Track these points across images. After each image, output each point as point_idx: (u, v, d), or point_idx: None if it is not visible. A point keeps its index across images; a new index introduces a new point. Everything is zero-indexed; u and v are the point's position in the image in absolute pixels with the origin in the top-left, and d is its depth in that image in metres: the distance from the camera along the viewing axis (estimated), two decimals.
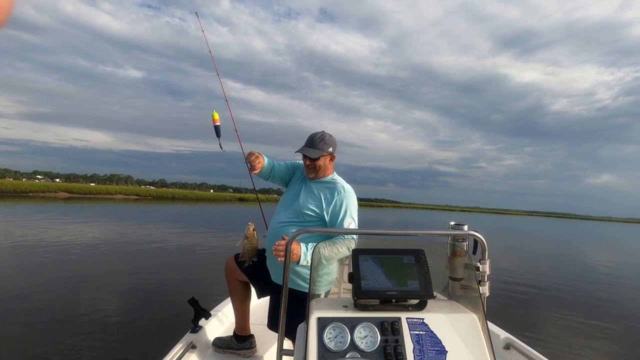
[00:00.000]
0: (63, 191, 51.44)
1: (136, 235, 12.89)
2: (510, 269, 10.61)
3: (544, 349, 2.14)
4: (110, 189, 66.56)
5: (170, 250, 10.46)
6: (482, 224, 42.13)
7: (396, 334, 1.18)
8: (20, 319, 4.55)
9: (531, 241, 25.12)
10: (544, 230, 44.04)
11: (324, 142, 2.05)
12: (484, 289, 1.41)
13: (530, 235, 32.84)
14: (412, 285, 1.25)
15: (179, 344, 2.18)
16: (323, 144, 2.05)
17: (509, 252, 15.53)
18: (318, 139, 2.06)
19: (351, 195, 2.02)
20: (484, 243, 1.42)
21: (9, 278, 6.41)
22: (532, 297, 7.60)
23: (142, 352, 3.83)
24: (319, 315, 1.21)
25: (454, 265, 1.50)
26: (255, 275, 2.22)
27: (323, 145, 2.04)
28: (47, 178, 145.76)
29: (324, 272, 1.94)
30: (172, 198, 64.52)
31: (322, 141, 2.05)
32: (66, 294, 5.67)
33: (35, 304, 5.09)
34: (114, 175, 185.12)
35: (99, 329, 4.36)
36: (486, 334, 1.21)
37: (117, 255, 9.28)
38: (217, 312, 2.74)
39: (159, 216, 23.98)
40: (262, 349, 2.44)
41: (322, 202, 2.00)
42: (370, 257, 1.29)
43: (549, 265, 13.24)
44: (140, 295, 5.86)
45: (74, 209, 25.04)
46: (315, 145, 2.05)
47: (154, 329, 4.44)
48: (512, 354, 2.19)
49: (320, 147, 2.04)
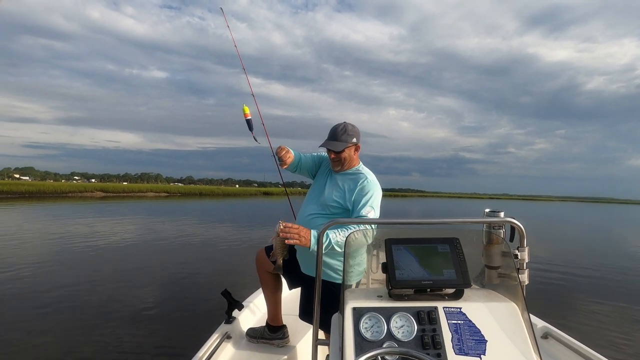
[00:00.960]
0: (98, 191, 54.18)
1: (168, 231, 13.38)
2: (544, 256, 10.28)
3: (583, 338, 2.05)
4: (142, 187, 69.44)
5: (201, 244, 10.81)
6: (513, 210, 39.82)
7: (433, 323, 1.17)
8: (60, 311, 4.83)
9: (565, 227, 24.11)
10: (578, 216, 42.10)
11: (347, 134, 2.00)
12: (523, 277, 1.38)
13: (564, 221, 31.47)
14: (447, 274, 1.24)
15: (215, 335, 2.24)
16: (346, 136, 2.00)
17: (541, 239, 15.01)
18: (341, 130, 2.01)
19: (374, 185, 1.98)
20: (522, 230, 1.39)
21: (52, 272, 6.84)
22: (569, 285, 7.34)
23: (179, 343, 4.00)
24: (354, 305, 1.21)
25: (490, 253, 1.47)
26: (286, 267, 2.23)
27: (346, 137, 2.00)
28: (83, 179, 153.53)
29: (355, 263, 1.93)
30: (199, 194, 66.50)
31: (345, 132, 2.00)
32: (105, 287, 5.98)
33: (75, 298, 5.40)
34: (145, 174, 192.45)
35: (138, 321, 4.58)
36: (527, 323, 1.18)
37: (151, 250, 9.70)
38: (249, 303, 2.79)
39: (188, 212, 24.78)
40: (295, 339, 2.46)
41: (345, 193, 1.99)
42: (404, 247, 1.28)
43: (585, 252, 12.70)
44: (175, 288, 6.11)
45: (109, 208, 26.26)
46: (338, 137, 2.00)
47: (190, 320, 4.61)
48: (550, 343, 2.13)
49: (343, 139, 2.00)
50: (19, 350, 3.73)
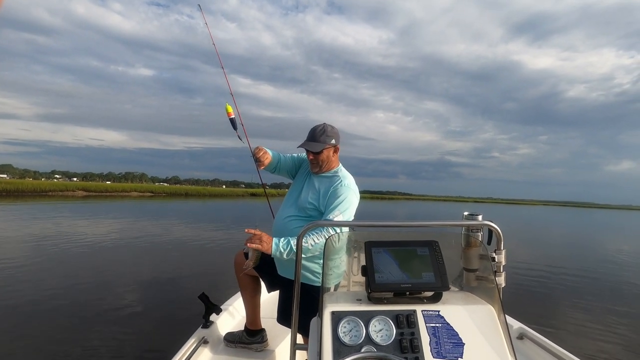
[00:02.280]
0: (80, 190, 52.78)
1: (148, 232, 13.13)
2: (523, 259, 10.46)
3: (557, 339, 2.10)
4: (126, 187, 68.00)
5: (181, 245, 10.62)
6: (496, 214, 41.10)
7: (412, 326, 1.16)
8: (29, 315, 4.63)
9: (546, 231, 24.71)
10: (560, 220, 43.23)
11: (325, 135, 1.98)
12: (500, 279, 1.39)
13: (545, 225, 32.27)
14: (426, 277, 1.24)
15: (191, 339, 2.19)
16: (325, 137, 1.98)
17: (522, 242, 15.33)
18: (319, 131, 1.99)
19: (347, 189, 1.94)
20: (499, 233, 1.40)
21: (24, 273, 6.59)
22: (546, 288, 7.48)
23: (154, 347, 3.88)
24: (332, 309, 1.19)
25: (468, 256, 1.48)
26: (264, 269, 2.20)
27: (325, 138, 1.98)
28: (64, 177, 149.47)
29: (333, 265, 1.91)
30: (185, 194, 65.61)
31: (323, 134, 1.99)
32: (78, 290, 5.78)
33: (47, 301, 5.17)
34: (129, 173, 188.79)
35: (111, 324, 4.42)
36: (504, 325, 1.19)
37: (129, 251, 9.48)
38: (227, 307, 2.74)
39: (172, 213, 24.38)
40: (274, 342, 2.43)
41: (319, 195, 1.97)
42: (383, 250, 1.28)
43: (564, 255, 13.00)
44: (152, 291, 5.95)
45: (90, 207, 25.63)
46: (317, 138, 1.98)
47: (166, 324, 4.48)
48: (525, 343, 2.18)
49: (322, 140, 1.98)
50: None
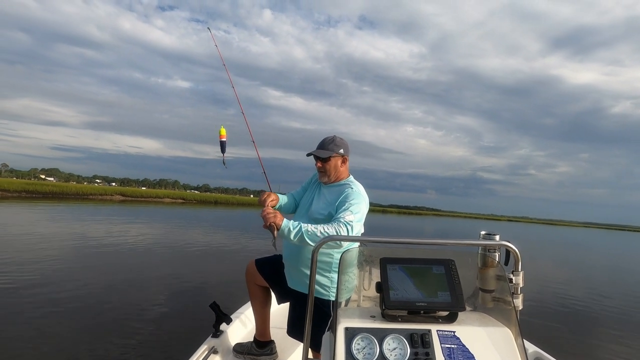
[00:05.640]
0: (118, 194, 55.52)
1: (171, 238, 13.34)
2: (551, 282, 9.92)
3: None
4: (160, 193, 70.85)
5: (201, 252, 10.69)
6: (529, 234, 39.36)
7: (426, 346, 1.13)
8: (44, 316, 4.62)
9: (582, 253, 23.25)
10: (600, 243, 40.39)
11: (334, 144, 2.06)
12: (517, 301, 1.32)
13: (583, 247, 30.33)
14: (442, 297, 1.21)
15: (201, 349, 2.19)
16: (333, 145, 2.05)
17: (554, 264, 14.50)
18: (328, 141, 2.08)
19: (358, 194, 1.94)
20: (517, 254, 1.32)
21: (31, 275, 6.70)
22: (570, 313, 7.06)
23: (164, 355, 3.85)
24: (346, 325, 1.17)
25: (484, 276, 1.42)
26: (275, 280, 2.18)
27: (333, 147, 2.05)
28: (104, 182, 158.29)
29: (345, 280, 1.86)
30: (214, 202, 67.13)
31: (332, 142, 2.06)
32: (95, 293, 5.80)
33: (62, 303, 5.14)
34: (163, 180, 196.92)
35: (122, 331, 4.33)
36: (521, 349, 1.14)
37: (148, 256, 9.53)
38: (238, 317, 2.73)
39: (198, 220, 24.92)
40: (283, 355, 2.38)
41: (330, 204, 1.98)
42: (399, 267, 1.25)
43: (600, 280, 12.19)
44: (166, 297, 5.94)
45: (124, 211, 26.81)
46: (325, 147, 2.06)
47: (177, 331, 4.44)
48: None
49: (330, 148, 2.05)
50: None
